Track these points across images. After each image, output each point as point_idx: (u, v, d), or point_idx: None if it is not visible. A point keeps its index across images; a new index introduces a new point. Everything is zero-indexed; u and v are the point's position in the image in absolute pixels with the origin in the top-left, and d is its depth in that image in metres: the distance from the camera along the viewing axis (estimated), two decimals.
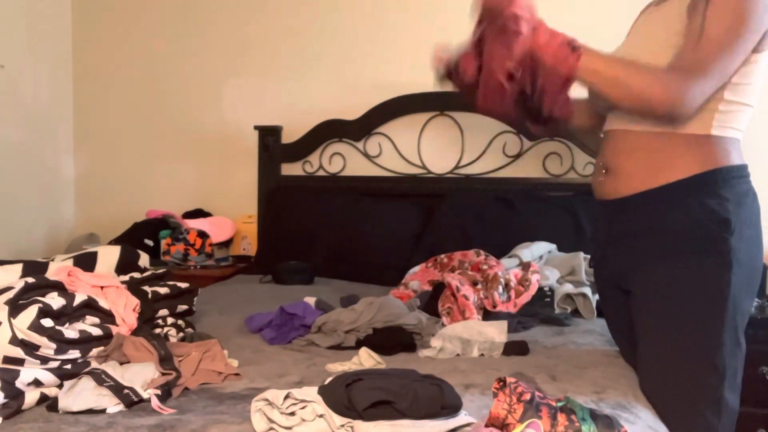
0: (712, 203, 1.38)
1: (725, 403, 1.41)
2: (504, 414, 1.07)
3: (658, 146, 1.44)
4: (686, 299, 1.40)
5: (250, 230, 3.10)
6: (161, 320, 1.69)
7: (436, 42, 1.53)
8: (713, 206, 1.38)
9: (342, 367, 1.52)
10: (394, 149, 3.00)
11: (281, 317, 1.84)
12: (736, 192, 1.40)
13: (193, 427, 1.17)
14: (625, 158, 1.49)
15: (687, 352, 1.41)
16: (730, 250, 1.37)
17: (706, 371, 1.40)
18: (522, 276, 2.10)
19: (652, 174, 1.44)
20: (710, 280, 1.39)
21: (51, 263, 1.65)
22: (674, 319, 1.42)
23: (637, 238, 1.48)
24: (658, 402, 1.43)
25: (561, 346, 1.78)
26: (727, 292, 1.38)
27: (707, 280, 1.39)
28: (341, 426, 1.12)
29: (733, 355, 1.41)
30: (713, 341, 1.39)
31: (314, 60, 3.10)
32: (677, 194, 1.41)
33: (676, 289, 1.41)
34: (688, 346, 1.41)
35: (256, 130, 3.08)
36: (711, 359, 1.40)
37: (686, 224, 1.40)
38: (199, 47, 3.23)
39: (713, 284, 1.38)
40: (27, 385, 1.26)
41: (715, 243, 1.38)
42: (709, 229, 1.38)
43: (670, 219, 1.41)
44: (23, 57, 3.05)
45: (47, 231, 3.23)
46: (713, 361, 1.40)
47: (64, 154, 3.34)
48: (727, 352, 1.40)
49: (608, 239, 1.56)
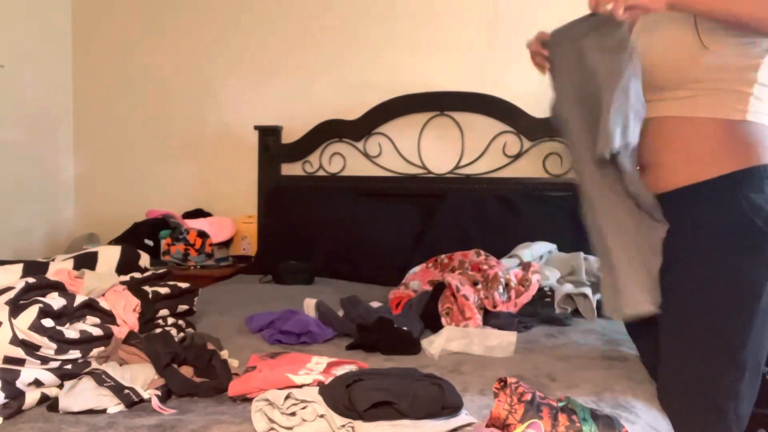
0: (759, 199, 1.38)
1: (742, 398, 1.42)
2: (505, 414, 1.07)
3: (697, 136, 1.42)
4: (718, 292, 1.40)
5: (250, 230, 3.10)
6: (162, 320, 1.69)
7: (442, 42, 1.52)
8: (760, 202, 1.38)
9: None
10: (394, 149, 3.00)
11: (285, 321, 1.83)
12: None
13: (193, 427, 1.17)
14: (663, 152, 1.47)
15: (710, 343, 1.41)
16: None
17: (727, 364, 1.40)
18: (522, 276, 2.10)
19: (695, 168, 1.42)
20: (747, 276, 1.38)
21: (51, 263, 1.66)
22: (703, 310, 1.41)
23: (678, 232, 1.46)
24: (673, 392, 1.44)
25: (561, 346, 1.78)
26: (762, 290, 1.38)
27: (744, 276, 1.38)
28: (342, 426, 1.12)
29: (757, 353, 1.42)
30: (740, 336, 1.40)
31: (314, 60, 3.09)
32: (722, 189, 1.40)
33: (712, 282, 1.40)
34: (715, 338, 1.41)
35: (256, 130, 3.08)
36: (734, 353, 1.40)
37: (731, 219, 1.39)
38: (199, 47, 3.23)
39: (749, 280, 1.38)
40: (27, 385, 1.26)
41: (757, 239, 1.37)
42: (754, 224, 1.37)
43: (715, 213, 1.41)
44: (23, 57, 3.05)
45: (47, 231, 3.23)
46: (735, 354, 1.40)
47: (64, 154, 3.34)
48: (752, 349, 1.40)
49: None
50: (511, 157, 2.88)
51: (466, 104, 2.90)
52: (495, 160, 2.90)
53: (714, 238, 1.41)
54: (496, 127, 2.88)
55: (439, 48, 2.95)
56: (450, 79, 2.91)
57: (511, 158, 2.89)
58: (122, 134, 3.34)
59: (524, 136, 2.85)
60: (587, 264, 2.27)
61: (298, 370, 1.36)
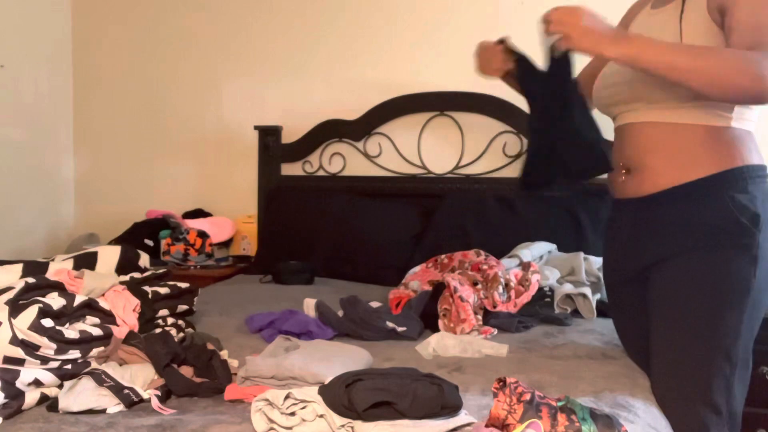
0: (743, 199, 1.40)
1: (733, 392, 1.44)
2: (504, 414, 1.07)
3: (681, 141, 1.44)
4: (710, 289, 1.42)
5: (250, 230, 3.10)
6: (161, 320, 1.69)
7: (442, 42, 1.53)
8: (744, 201, 1.40)
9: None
10: (394, 149, 3.00)
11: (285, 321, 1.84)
12: (761, 190, 1.43)
13: (193, 427, 1.17)
14: (648, 156, 1.49)
15: (703, 339, 1.43)
16: (757, 245, 1.40)
17: (720, 359, 1.42)
18: (522, 276, 2.10)
19: (680, 171, 1.44)
20: (735, 273, 1.41)
21: (51, 263, 1.66)
22: (695, 307, 1.43)
23: (666, 231, 1.48)
24: (667, 389, 1.45)
25: (560, 345, 1.78)
26: (750, 285, 1.40)
27: (732, 273, 1.41)
28: (341, 426, 1.12)
29: (747, 348, 1.44)
30: (730, 331, 1.41)
31: (314, 60, 3.10)
32: (708, 189, 1.42)
33: (701, 279, 1.43)
34: (705, 334, 1.42)
35: (256, 130, 3.08)
36: (727, 348, 1.42)
37: (718, 218, 1.41)
38: (199, 47, 3.23)
39: (738, 277, 1.41)
40: (27, 385, 1.26)
41: (743, 237, 1.40)
42: (740, 223, 1.39)
43: (701, 212, 1.43)
44: (23, 57, 3.05)
45: (47, 231, 3.23)
46: (728, 350, 1.42)
47: (64, 155, 3.34)
48: (742, 344, 1.43)
49: (633, 235, 1.55)
50: (511, 157, 2.88)
51: (466, 104, 2.90)
52: (495, 160, 2.90)
53: (701, 236, 1.43)
54: (496, 127, 2.88)
55: (439, 48, 2.95)
56: (450, 79, 2.91)
57: (511, 158, 2.89)
58: (122, 134, 3.34)
59: (524, 136, 2.85)
60: (587, 264, 2.27)
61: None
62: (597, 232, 2.48)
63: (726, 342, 1.42)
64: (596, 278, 2.21)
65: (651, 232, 1.51)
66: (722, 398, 1.43)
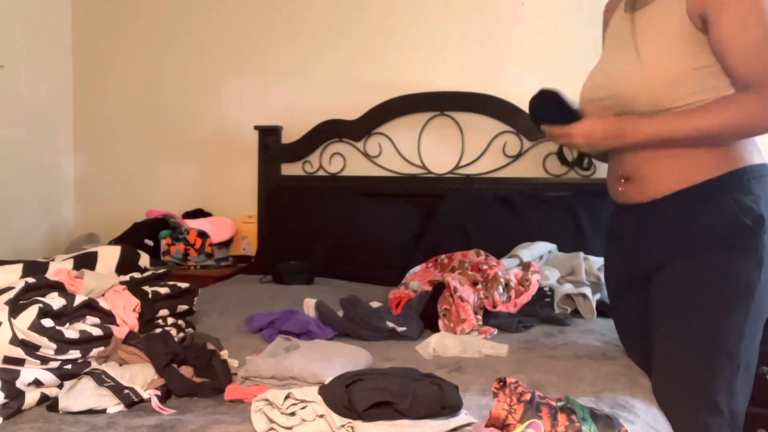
0: (747, 200, 1.40)
1: (736, 393, 1.43)
2: (504, 414, 1.07)
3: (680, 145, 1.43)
4: (714, 291, 1.41)
5: (250, 230, 3.10)
6: (161, 320, 1.69)
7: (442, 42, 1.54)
8: (748, 203, 1.39)
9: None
10: (394, 149, 3.00)
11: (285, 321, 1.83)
12: (765, 190, 1.42)
13: (193, 427, 1.17)
14: (648, 165, 1.48)
15: (706, 340, 1.42)
16: (762, 247, 1.39)
17: (723, 360, 1.42)
18: (522, 276, 2.10)
19: (682, 174, 1.44)
20: (740, 275, 1.40)
21: (51, 263, 1.66)
22: (699, 308, 1.43)
23: (670, 235, 1.47)
24: (668, 390, 1.45)
25: (560, 345, 1.78)
26: (754, 287, 1.40)
27: (737, 275, 1.40)
28: (341, 426, 1.12)
29: (750, 349, 1.44)
30: (734, 333, 1.41)
31: (314, 60, 3.10)
32: (711, 192, 1.42)
33: (705, 280, 1.42)
34: (708, 335, 1.42)
35: (256, 130, 3.08)
36: (730, 350, 1.41)
37: (722, 219, 1.41)
38: (199, 47, 3.23)
39: (742, 279, 1.40)
40: (27, 385, 1.26)
41: (748, 239, 1.39)
42: (745, 224, 1.39)
43: (705, 215, 1.42)
44: (23, 57, 3.05)
45: (47, 231, 3.23)
46: (731, 351, 1.41)
47: (64, 155, 3.34)
48: (746, 345, 1.42)
49: (636, 238, 1.55)
50: (511, 157, 2.88)
51: (466, 104, 2.90)
52: (495, 160, 2.90)
53: (705, 238, 1.42)
54: (496, 127, 2.88)
55: (439, 48, 2.95)
56: (450, 79, 2.91)
57: (511, 158, 2.89)
58: (122, 134, 3.34)
59: (524, 136, 2.85)
60: (587, 264, 2.27)
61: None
62: (597, 232, 2.48)
63: (729, 343, 1.41)
64: (596, 278, 2.21)
65: (654, 236, 1.50)
66: (724, 399, 1.42)
